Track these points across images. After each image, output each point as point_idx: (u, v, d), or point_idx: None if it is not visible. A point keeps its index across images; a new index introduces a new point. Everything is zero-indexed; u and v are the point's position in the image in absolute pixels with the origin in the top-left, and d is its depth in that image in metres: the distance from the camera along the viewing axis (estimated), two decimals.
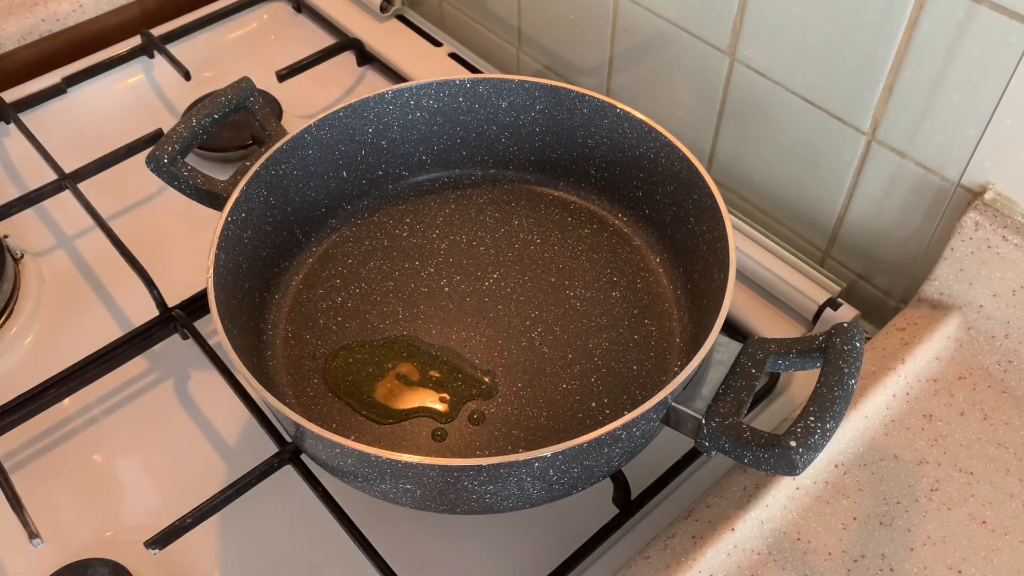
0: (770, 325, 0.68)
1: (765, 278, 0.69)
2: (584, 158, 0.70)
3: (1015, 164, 0.56)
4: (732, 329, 0.67)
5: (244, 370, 0.52)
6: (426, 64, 0.89)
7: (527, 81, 0.68)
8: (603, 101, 0.66)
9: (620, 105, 0.65)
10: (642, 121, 0.65)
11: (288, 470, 0.59)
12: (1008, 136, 0.55)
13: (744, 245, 0.70)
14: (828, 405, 0.47)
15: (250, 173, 0.62)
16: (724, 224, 0.58)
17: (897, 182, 0.62)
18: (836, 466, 0.56)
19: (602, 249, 0.68)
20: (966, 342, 0.61)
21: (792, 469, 0.47)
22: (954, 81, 0.55)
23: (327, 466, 0.54)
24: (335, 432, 0.57)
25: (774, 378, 0.65)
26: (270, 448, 0.59)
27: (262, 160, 0.63)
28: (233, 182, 0.62)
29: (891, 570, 0.51)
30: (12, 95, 0.86)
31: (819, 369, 0.50)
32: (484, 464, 0.47)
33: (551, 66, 0.86)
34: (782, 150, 0.69)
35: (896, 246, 0.65)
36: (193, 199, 0.63)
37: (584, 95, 0.66)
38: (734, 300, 0.68)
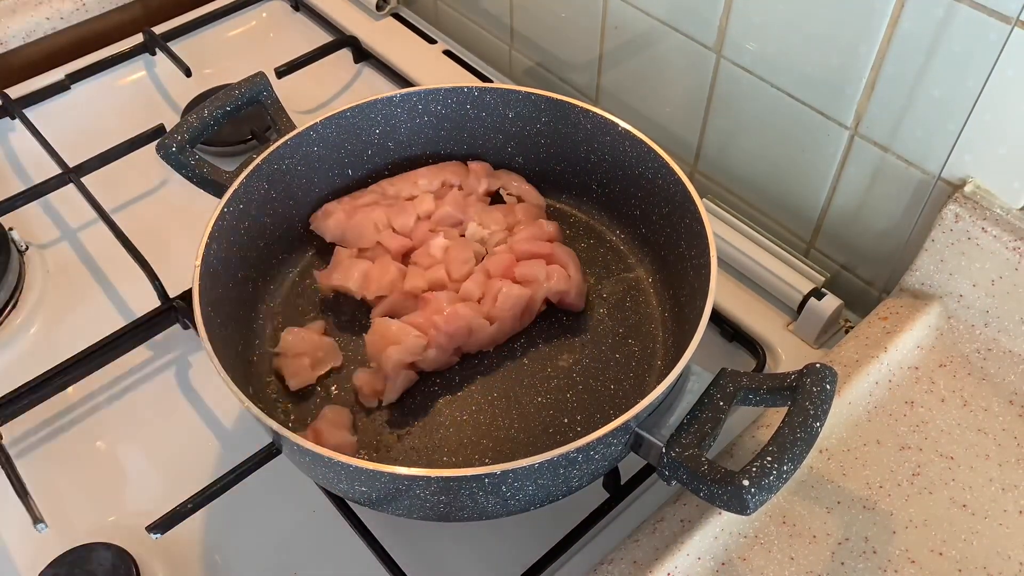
0: (756, 315, 0.69)
1: (751, 268, 0.69)
2: (587, 172, 0.70)
3: (994, 158, 0.57)
4: (720, 319, 0.68)
5: (222, 371, 0.52)
6: (421, 61, 0.90)
7: (533, 93, 0.67)
8: (606, 118, 0.65)
9: (622, 123, 0.65)
10: (642, 141, 0.64)
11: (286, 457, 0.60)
12: (987, 130, 0.56)
13: (730, 236, 0.71)
14: (788, 447, 0.46)
15: (251, 167, 0.62)
16: (710, 252, 0.57)
17: (879, 175, 0.63)
18: (820, 451, 0.57)
19: (596, 264, 0.68)
20: (947, 331, 0.62)
21: (743, 509, 0.46)
22: (935, 77, 0.56)
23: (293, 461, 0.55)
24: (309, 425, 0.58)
25: None
26: (268, 435, 0.60)
27: (264, 155, 0.63)
28: (238, 173, 0.62)
29: (874, 552, 0.52)
30: (17, 91, 0.87)
31: (787, 408, 0.49)
32: (433, 476, 0.48)
33: (542, 63, 0.87)
34: (767, 144, 0.69)
35: (879, 237, 0.66)
36: (199, 187, 0.64)
37: (588, 111, 0.66)
38: (720, 291, 0.69)
